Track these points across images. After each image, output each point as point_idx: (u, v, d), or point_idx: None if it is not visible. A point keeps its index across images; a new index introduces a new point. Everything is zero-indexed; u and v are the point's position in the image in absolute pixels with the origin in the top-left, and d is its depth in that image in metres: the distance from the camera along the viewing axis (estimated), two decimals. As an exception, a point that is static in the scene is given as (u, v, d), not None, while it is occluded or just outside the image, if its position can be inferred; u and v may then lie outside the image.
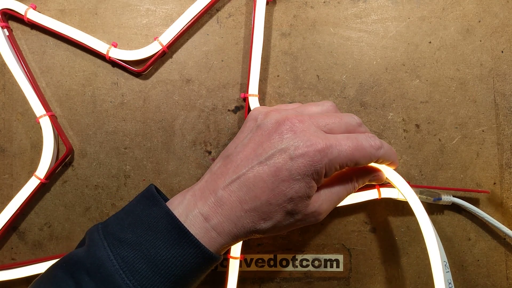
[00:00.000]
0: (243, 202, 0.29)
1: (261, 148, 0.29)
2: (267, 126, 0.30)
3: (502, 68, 0.38)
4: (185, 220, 0.28)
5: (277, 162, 0.28)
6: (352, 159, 0.29)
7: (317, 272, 0.38)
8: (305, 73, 0.39)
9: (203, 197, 0.29)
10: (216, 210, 0.29)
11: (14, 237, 0.39)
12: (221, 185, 0.29)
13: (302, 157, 0.28)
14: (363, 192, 0.36)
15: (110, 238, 0.28)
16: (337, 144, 0.29)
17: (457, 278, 0.37)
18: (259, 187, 0.29)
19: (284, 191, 0.29)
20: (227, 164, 0.30)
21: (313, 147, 0.28)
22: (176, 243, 0.28)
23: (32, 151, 0.39)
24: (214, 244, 0.29)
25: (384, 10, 0.39)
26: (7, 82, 0.39)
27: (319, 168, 0.29)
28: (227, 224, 0.29)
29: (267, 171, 0.28)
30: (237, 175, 0.29)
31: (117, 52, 0.38)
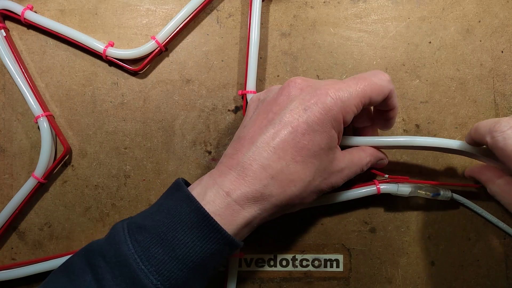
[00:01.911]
0: (267, 167, 0.27)
1: (272, 113, 0.28)
2: (271, 96, 0.30)
3: (502, 68, 0.38)
4: (203, 198, 0.27)
5: (292, 119, 0.27)
6: (366, 95, 0.28)
7: (317, 272, 0.38)
8: (305, 73, 0.39)
9: (222, 174, 0.28)
10: (238, 182, 0.27)
11: (14, 237, 0.39)
12: (240, 159, 0.28)
13: (315, 105, 0.27)
14: (362, 188, 0.36)
15: (131, 225, 0.28)
16: (345, 85, 0.28)
17: (457, 278, 0.37)
18: (280, 148, 0.27)
19: (307, 145, 0.27)
20: (240, 140, 0.29)
21: (324, 93, 0.28)
22: (195, 226, 0.26)
23: (32, 151, 0.39)
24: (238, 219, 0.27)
25: (384, 10, 0.39)
26: (7, 82, 0.39)
27: (336, 113, 0.28)
28: (252, 194, 0.27)
29: (285, 131, 0.27)
30: (255, 144, 0.28)
31: (114, 51, 0.38)
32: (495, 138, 0.27)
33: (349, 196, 0.36)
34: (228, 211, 0.27)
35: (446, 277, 0.37)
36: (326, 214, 0.38)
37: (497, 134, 0.27)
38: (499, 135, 0.27)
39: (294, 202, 0.29)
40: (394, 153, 0.38)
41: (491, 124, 0.28)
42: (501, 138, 0.27)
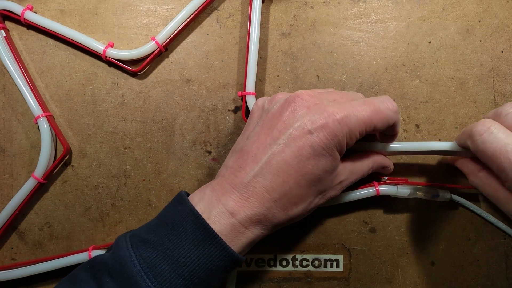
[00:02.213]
0: (271, 191, 0.27)
1: (276, 130, 0.28)
2: (275, 109, 0.29)
3: (502, 68, 0.38)
4: (208, 217, 0.27)
5: (297, 141, 0.27)
6: (371, 123, 0.28)
7: (317, 272, 0.38)
8: (305, 73, 0.39)
9: (225, 192, 0.28)
10: (242, 203, 0.27)
11: (14, 237, 0.39)
12: (244, 178, 0.28)
13: (322, 129, 0.27)
14: (361, 190, 0.36)
15: (134, 239, 0.27)
16: (354, 110, 0.28)
17: (457, 278, 0.37)
18: (284, 171, 0.27)
19: (312, 169, 0.27)
20: (243, 156, 0.29)
21: (331, 117, 0.27)
22: (201, 244, 0.26)
23: (32, 151, 0.39)
24: (242, 240, 0.27)
25: (384, 10, 0.39)
26: (7, 82, 0.39)
27: (341, 138, 0.27)
28: (256, 217, 0.27)
29: (289, 153, 0.27)
30: (259, 164, 0.27)
31: (114, 52, 0.38)
32: (474, 142, 0.28)
33: (348, 197, 0.36)
34: (233, 232, 0.27)
35: (446, 277, 0.37)
36: (326, 214, 0.38)
37: (476, 138, 0.27)
38: (478, 138, 0.27)
39: (295, 220, 0.30)
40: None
41: (470, 129, 0.28)
42: (480, 142, 0.27)
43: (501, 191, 0.28)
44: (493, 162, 0.27)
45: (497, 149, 0.26)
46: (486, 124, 0.27)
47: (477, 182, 0.30)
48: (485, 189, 0.30)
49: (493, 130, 0.27)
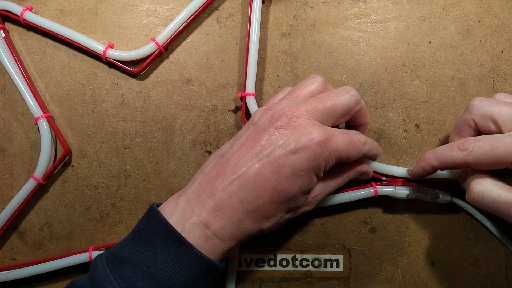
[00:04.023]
0: (245, 203, 0.28)
1: (259, 145, 0.28)
2: (263, 123, 0.29)
3: (502, 68, 0.38)
4: (182, 230, 0.27)
5: (278, 158, 0.27)
6: (346, 153, 0.30)
7: (317, 272, 0.38)
8: (305, 73, 0.39)
9: (199, 202, 0.28)
10: (216, 214, 0.27)
11: (14, 237, 0.39)
12: (220, 187, 0.28)
13: (304, 150, 0.27)
14: (360, 191, 0.36)
15: (110, 258, 0.27)
16: (333, 137, 0.29)
17: (457, 278, 0.37)
18: (261, 186, 0.27)
19: (288, 188, 0.28)
20: (223, 164, 0.29)
21: (314, 140, 0.28)
22: (177, 257, 0.26)
23: (32, 151, 0.39)
24: (216, 250, 0.28)
25: (384, 10, 0.39)
26: (7, 82, 0.39)
27: (320, 161, 0.28)
28: (229, 228, 0.28)
29: (269, 169, 0.27)
30: (237, 174, 0.28)
31: (114, 53, 0.38)
32: (471, 151, 0.29)
33: (346, 198, 0.36)
34: (208, 244, 0.27)
35: (446, 277, 0.37)
36: (326, 214, 0.38)
37: (469, 148, 0.29)
38: (471, 148, 0.29)
39: (265, 232, 0.30)
40: (394, 153, 0.38)
41: (457, 147, 0.30)
42: (477, 149, 0.29)
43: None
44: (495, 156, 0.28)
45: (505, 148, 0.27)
46: (470, 139, 0.30)
47: (484, 188, 0.29)
48: (498, 193, 0.29)
49: (480, 137, 0.29)
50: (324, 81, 0.33)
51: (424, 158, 0.33)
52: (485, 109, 0.30)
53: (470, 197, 0.30)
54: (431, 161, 0.32)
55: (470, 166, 0.30)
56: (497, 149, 0.28)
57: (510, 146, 0.27)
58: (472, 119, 0.31)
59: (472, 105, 0.31)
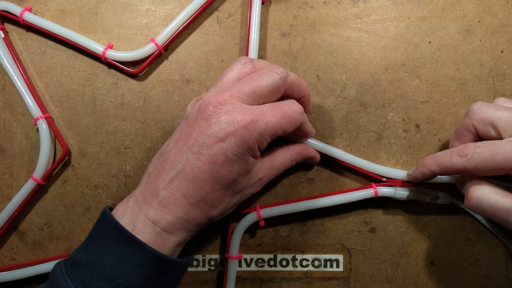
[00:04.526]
0: (188, 197, 0.29)
1: (192, 138, 0.29)
2: (192, 115, 0.30)
3: (502, 68, 0.38)
4: (133, 229, 0.28)
5: (210, 148, 0.28)
6: (280, 127, 0.30)
7: (317, 272, 0.38)
8: (305, 73, 0.39)
9: (145, 202, 0.29)
10: (162, 211, 0.29)
11: (14, 237, 0.39)
12: (161, 185, 0.29)
13: (232, 136, 0.28)
14: (360, 191, 0.36)
15: (68, 263, 0.28)
16: (262, 116, 0.29)
17: (457, 278, 0.37)
18: (200, 178, 0.28)
19: (226, 175, 0.29)
20: (162, 162, 0.30)
21: (240, 124, 0.28)
22: (130, 255, 0.27)
23: (32, 151, 0.39)
24: (168, 244, 0.29)
25: (384, 10, 0.39)
26: (7, 82, 0.39)
27: (251, 144, 0.29)
28: (177, 222, 0.29)
29: (204, 160, 0.28)
30: (175, 171, 0.29)
31: (113, 54, 0.38)
32: (471, 158, 0.29)
33: (346, 199, 0.36)
34: (159, 239, 0.28)
35: (446, 277, 0.37)
36: (326, 214, 0.38)
37: (469, 155, 0.29)
38: (471, 155, 0.29)
39: (217, 218, 0.31)
40: (394, 153, 0.38)
41: (457, 153, 0.30)
42: (476, 155, 0.29)
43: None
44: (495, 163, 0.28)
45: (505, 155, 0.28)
46: (469, 145, 0.30)
47: (483, 195, 0.29)
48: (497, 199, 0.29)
49: (479, 143, 0.29)
50: (249, 61, 0.32)
51: (423, 163, 0.33)
52: (485, 114, 0.30)
53: (468, 204, 0.30)
54: (430, 167, 0.32)
55: (470, 172, 0.30)
56: (496, 156, 0.28)
57: (510, 153, 0.27)
58: (472, 124, 0.31)
59: (472, 110, 0.31)
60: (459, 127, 0.32)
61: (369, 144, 0.38)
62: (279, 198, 0.38)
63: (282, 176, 0.38)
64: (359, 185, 0.38)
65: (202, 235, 0.38)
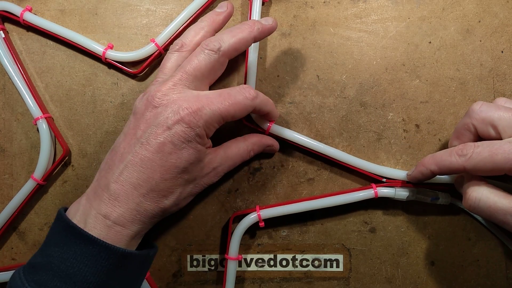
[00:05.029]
0: (138, 187, 0.28)
1: (140, 130, 0.29)
2: (139, 109, 0.30)
3: (502, 68, 0.38)
4: (85, 226, 0.28)
5: (157, 138, 0.28)
6: (228, 113, 0.30)
7: (317, 272, 0.38)
8: (305, 73, 0.39)
9: (96, 197, 0.29)
10: (112, 204, 0.28)
11: (14, 237, 0.39)
12: (111, 179, 0.29)
13: (178, 123, 0.28)
14: (360, 192, 0.36)
15: (26, 267, 0.28)
16: (209, 103, 0.29)
17: (457, 278, 0.37)
18: (149, 168, 0.28)
19: (175, 163, 0.29)
20: (112, 157, 0.30)
21: (185, 111, 0.28)
22: (83, 251, 0.27)
23: (32, 151, 0.39)
24: (121, 237, 0.29)
25: (384, 10, 0.39)
26: (7, 82, 0.39)
27: (198, 131, 0.29)
28: (129, 214, 0.28)
29: (152, 150, 0.28)
30: (124, 163, 0.29)
31: (113, 54, 0.38)
32: (470, 157, 0.29)
33: (346, 199, 0.36)
34: (111, 233, 0.28)
35: (446, 277, 0.37)
36: (326, 214, 0.38)
37: (468, 154, 0.29)
38: (470, 154, 0.29)
39: (170, 209, 0.31)
40: (394, 153, 0.38)
41: (456, 152, 0.30)
42: (475, 155, 0.29)
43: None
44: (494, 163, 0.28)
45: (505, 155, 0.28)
46: (468, 145, 0.30)
47: (481, 196, 0.30)
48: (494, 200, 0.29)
49: (479, 143, 0.30)
50: (182, 44, 0.32)
51: (422, 162, 0.33)
52: (485, 114, 0.30)
53: (466, 204, 0.30)
54: (429, 166, 0.32)
55: (469, 172, 0.30)
56: (496, 156, 0.28)
57: (509, 153, 0.27)
58: (472, 123, 0.31)
59: (473, 110, 0.31)
60: (459, 126, 0.32)
61: (369, 144, 0.38)
62: (279, 198, 0.38)
63: (282, 176, 0.38)
64: (359, 186, 0.38)
65: (202, 233, 0.38)
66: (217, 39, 0.31)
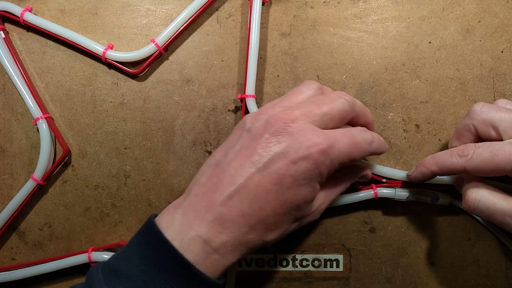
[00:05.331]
0: (247, 216, 0.26)
1: (256, 153, 0.27)
2: (257, 129, 0.28)
3: (502, 68, 0.38)
4: (180, 245, 0.25)
5: (278, 168, 0.26)
6: (350, 156, 0.28)
7: (317, 272, 0.38)
8: (305, 73, 0.39)
9: (197, 216, 0.26)
10: (216, 229, 0.26)
11: (14, 237, 0.39)
12: (218, 200, 0.26)
13: (305, 160, 0.26)
14: (360, 192, 0.36)
15: (106, 269, 0.26)
16: (336, 142, 0.27)
17: (457, 278, 0.37)
18: (262, 198, 0.26)
19: (291, 198, 0.27)
20: (218, 174, 0.27)
21: (315, 148, 0.26)
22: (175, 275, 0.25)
23: (32, 151, 0.39)
24: (217, 267, 0.26)
25: (384, 10, 0.39)
26: (7, 82, 0.39)
27: (323, 169, 0.27)
28: (231, 243, 0.26)
29: (269, 179, 0.26)
30: (235, 186, 0.26)
31: (113, 54, 0.38)
32: (471, 158, 0.29)
33: (346, 200, 0.36)
34: (208, 261, 0.26)
35: (446, 277, 0.37)
36: (326, 214, 0.38)
37: (469, 155, 0.29)
38: (471, 155, 0.29)
39: (269, 244, 0.29)
40: (394, 153, 0.38)
41: (457, 153, 0.30)
42: (476, 156, 0.28)
43: None
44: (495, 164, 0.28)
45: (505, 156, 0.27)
46: (470, 146, 0.29)
47: (480, 197, 0.29)
48: (493, 201, 0.29)
49: (479, 144, 0.29)
50: (320, 87, 0.31)
51: (423, 163, 0.33)
52: (486, 115, 0.30)
53: (466, 205, 0.30)
54: (430, 167, 0.32)
55: (469, 173, 0.30)
56: (496, 157, 0.28)
57: (510, 154, 0.27)
58: (473, 124, 0.31)
59: (473, 111, 0.31)
60: (460, 127, 0.32)
61: (369, 144, 0.38)
62: (279, 198, 0.38)
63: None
64: (359, 186, 0.38)
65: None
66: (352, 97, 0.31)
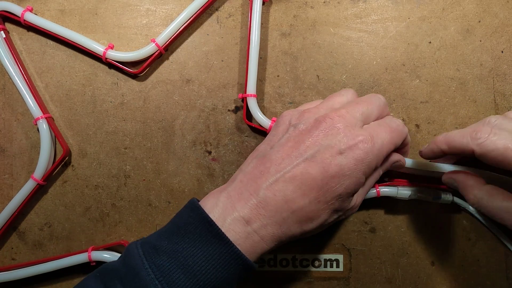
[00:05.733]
0: (290, 201, 0.27)
1: (304, 145, 0.28)
2: (306, 125, 0.29)
3: (502, 68, 0.38)
4: (222, 225, 0.26)
5: (325, 158, 0.27)
6: (393, 142, 0.30)
7: (317, 272, 0.38)
8: (305, 73, 0.39)
9: (241, 199, 0.27)
10: (258, 211, 0.27)
11: (14, 237, 0.39)
12: (263, 185, 0.27)
13: (352, 151, 0.27)
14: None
15: (146, 246, 0.27)
16: (377, 133, 0.29)
17: (457, 278, 0.37)
18: (307, 184, 0.27)
19: (334, 187, 0.27)
20: (265, 163, 0.28)
21: (361, 140, 0.28)
22: (216, 253, 0.26)
23: (32, 151, 0.39)
24: (256, 249, 0.27)
25: (384, 10, 0.39)
26: (7, 82, 0.39)
27: (370, 161, 0.28)
28: (271, 226, 0.27)
29: (315, 168, 0.27)
30: (281, 173, 0.27)
31: (114, 54, 0.38)
32: (482, 143, 0.28)
33: None
34: (248, 242, 0.27)
35: (446, 277, 0.37)
36: (326, 214, 0.38)
37: (482, 139, 0.28)
38: (483, 140, 0.28)
39: (307, 235, 0.29)
40: (394, 153, 0.38)
41: (470, 135, 0.29)
42: (489, 142, 0.28)
43: None
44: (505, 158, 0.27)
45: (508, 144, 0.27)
46: (486, 129, 0.28)
47: (482, 195, 0.30)
48: (492, 200, 0.29)
49: (496, 130, 0.28)
50: (355, 93, 0.33)
51: (435, 141, 0.32)
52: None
53: (469, 202, 0.30)
54: (440, 145, 0.31)
55: (476, 156, 0.29)
56: (509, 152, 0.27)
57: None
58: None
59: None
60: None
61: (369, 144, 0.38)
62: (279, 198, 0.38)
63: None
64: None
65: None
66: None
